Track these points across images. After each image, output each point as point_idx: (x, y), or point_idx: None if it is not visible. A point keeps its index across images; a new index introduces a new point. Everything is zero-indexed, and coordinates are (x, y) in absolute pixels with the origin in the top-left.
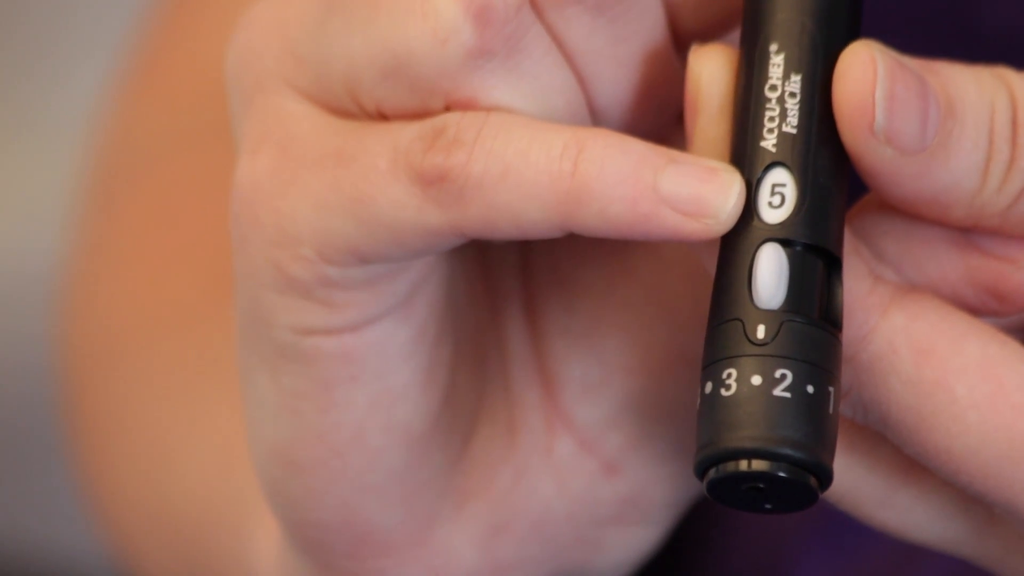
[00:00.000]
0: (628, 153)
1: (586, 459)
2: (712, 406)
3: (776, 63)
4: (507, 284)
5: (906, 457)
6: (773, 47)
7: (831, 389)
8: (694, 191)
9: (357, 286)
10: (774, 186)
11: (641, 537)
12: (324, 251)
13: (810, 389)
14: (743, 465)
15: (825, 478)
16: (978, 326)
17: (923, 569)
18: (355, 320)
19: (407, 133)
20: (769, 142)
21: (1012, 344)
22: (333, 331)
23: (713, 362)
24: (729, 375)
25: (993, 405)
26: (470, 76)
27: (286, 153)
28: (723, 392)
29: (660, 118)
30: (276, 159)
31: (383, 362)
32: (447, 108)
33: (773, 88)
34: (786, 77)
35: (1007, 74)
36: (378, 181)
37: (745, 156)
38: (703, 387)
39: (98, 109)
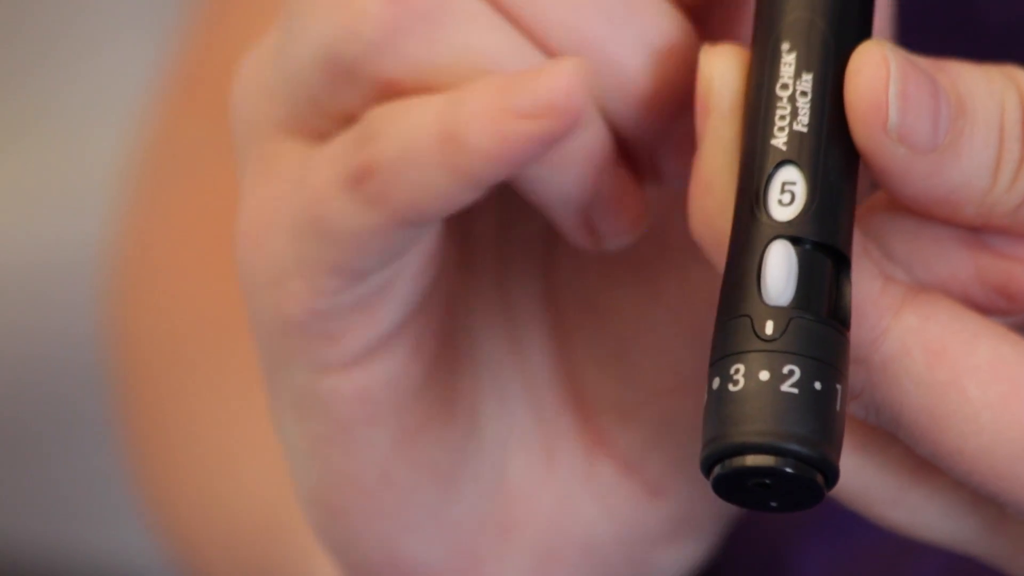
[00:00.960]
0: (482, 89)
1: (629, 482)
2: (719, 401)
3: (787, 62)
4: (528, 311)
5: (917, 457)
6: (785, 46)
7: (838, 387)
8: (533, 93)
9: (349, 313)
10: (784, 184)
11: (691, 552)
12: (309, 280)
13: (818, 386)
14: (749, 460)
15: (831, 475)
16: (990, 326)
17: (923, 559)
18: (357, 350)
19: (338, 139)
20: (780, 140)
21: None
22: (342, 366)
23: (721, 358)
24: (737, 370)
25: (1006, 405)
26: (385, 52)
27: (267, 192)
28: (730, 387)
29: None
30: (260, 200)
31: (399, 399)
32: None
33: (784, 87)
34: (797, 76)
35: (1017, 73)
36: (324, 195)
37: (755, 154)
38: (711, 382)
39: (141, 105)
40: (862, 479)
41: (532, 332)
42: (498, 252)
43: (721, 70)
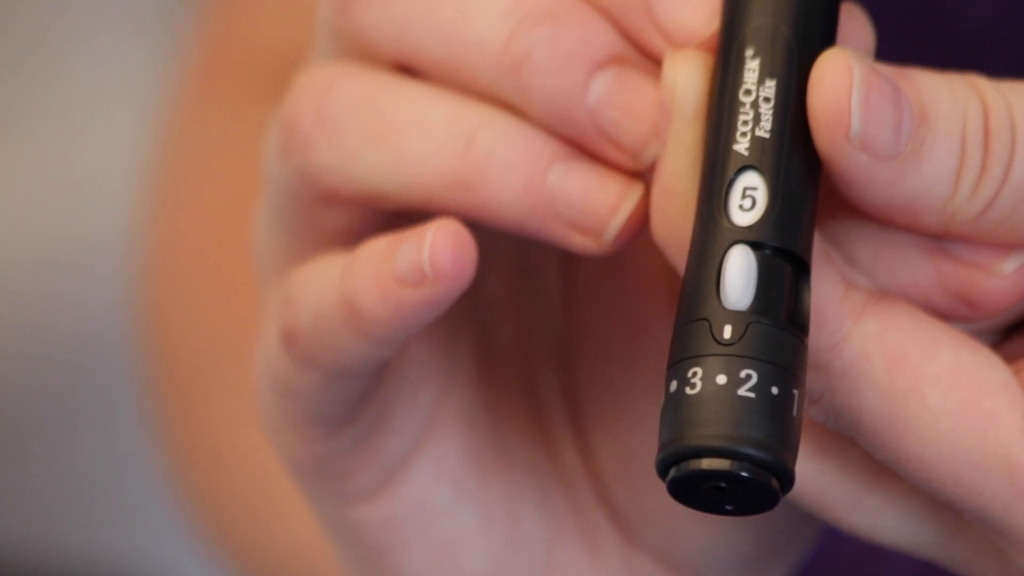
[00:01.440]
0: (370, 256)
1: (665, 571)
2: (676, 404)
3: (751, 68)
4: (556, 408)
5: (876, 462)
6: (749, 52)
7: (795, 392)
8: (409, 262)
9: (350, 453)
10: (745, 189)
11: None
12: (297, 431)
13: (774, 390)
14: (705, 463)
15: (787, 480)
16: (950, 333)
17: (892, 560)
18: (371, 483)
19: (276, 299)
20: (742, 146)
21: (984, 351)
22: (362, 499)
23: (679, 361)
24: (694, 374)
25: (965, 413)
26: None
27: (256, 346)
28: (688, 391)
29: None
30: (254, 354)
31: (429, 519)
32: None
33: (748, 92)
34: (761, 82)
35: (979, 82)
36: (273, 354)
37: (717, 159)
38: (668, 385)
39: (156, 99)
40: (822, 483)
41: (561, 429)
42: (521, 355)
43: (685, 75)
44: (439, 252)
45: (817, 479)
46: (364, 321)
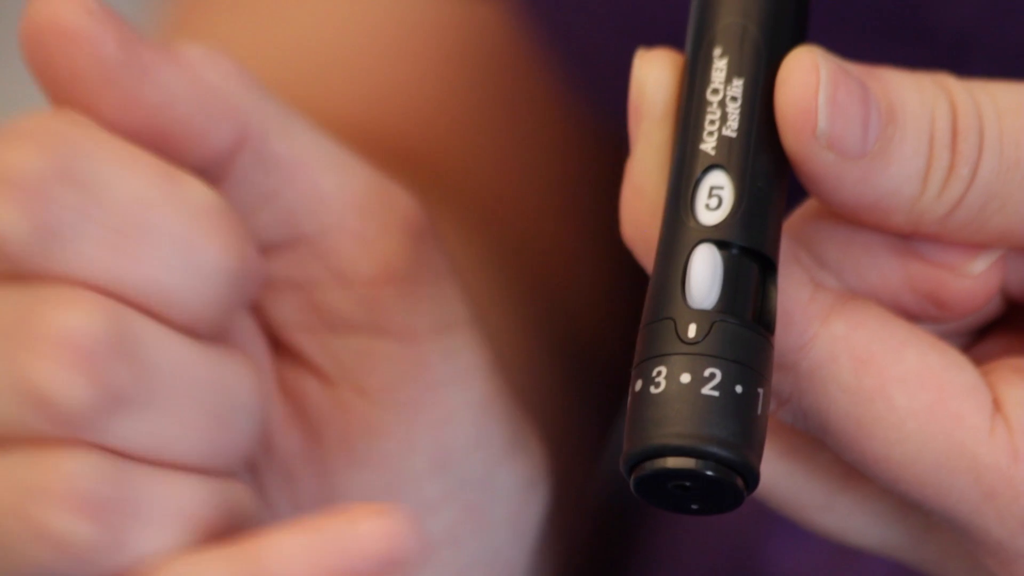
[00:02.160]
0: (300, 555)
1: None
2: (641, 403)
3: (719, 67)
4: None
5: (846, 464)
6: (717, 51)
7: (760, 391)
8: (368, 557)
9: None
10: (712, 188)
11: None
12: None
13: (739, 389)
14: (670, 462)
15: (751, 479)
16: (918, 335)
17: (872, 558)
18: None
19: None
20: (709, 145)
21: (951, 353)
22: None
23: (644, 360)
24: (659, 373)
25: (932, 414)
26: (116, 556)
27: None
28: (652, 389)
29: (252, 414)
30: None
31: None
32: None
33: (715, 92)
34: (728, 81)
35: (948, 81)
36: None
37: (685, 158)
38: (633, 384)
39: None
40: (792, 484)
41: None
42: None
43: (655, 75)
44: (390, 536)
45: (787, 480)
46: None
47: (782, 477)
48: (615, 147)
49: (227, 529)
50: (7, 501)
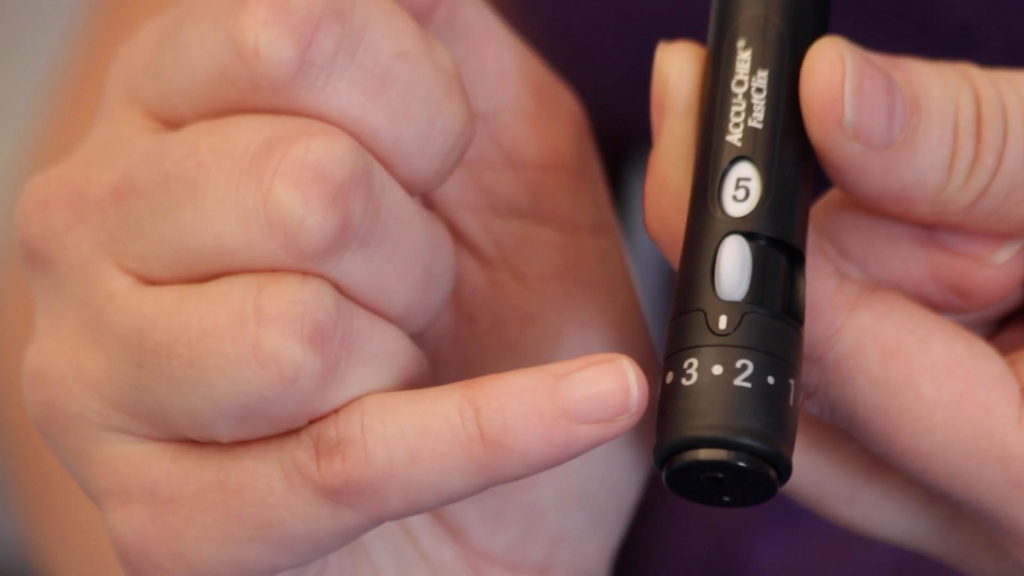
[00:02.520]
0: (520, 394)
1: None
2: (673, 395)
3: (743, 59)
4: None
5: (871, 455)
6: (740, 43)
7: (791, 381)
8: (596, 398)
9: None
10: (739, 180)
11: None
12: (245, 574)
13: (770, 380)
14: (702, 454)
15: (784, 470)
16: (944, 325)
17: (871, 548)
18: None
19: (289, 447)
20: (735, 136)
21: (978, 343)
22: None
23: (675, 352)
24: (690, 365)
25: (959, 404)
26: (326, 393)
27: (159, 497)
28: (684, 381)
29: (447, 281)
30: (152, 506)
31: None
32: (311, 421)
33: (740, 83)
34: (753, 73)
35: (970, 71)
36: (279, 503)
37: (710, 150)
38: (664, 377)
39: (49, 89)
40: (816, 477)
41: None
42: None
43: (677, 68)
44: (637, 387)
45: (812, 472)
46: (504, 460)
47: (807, 469)
48: (612, 143)
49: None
50: (230, 323)
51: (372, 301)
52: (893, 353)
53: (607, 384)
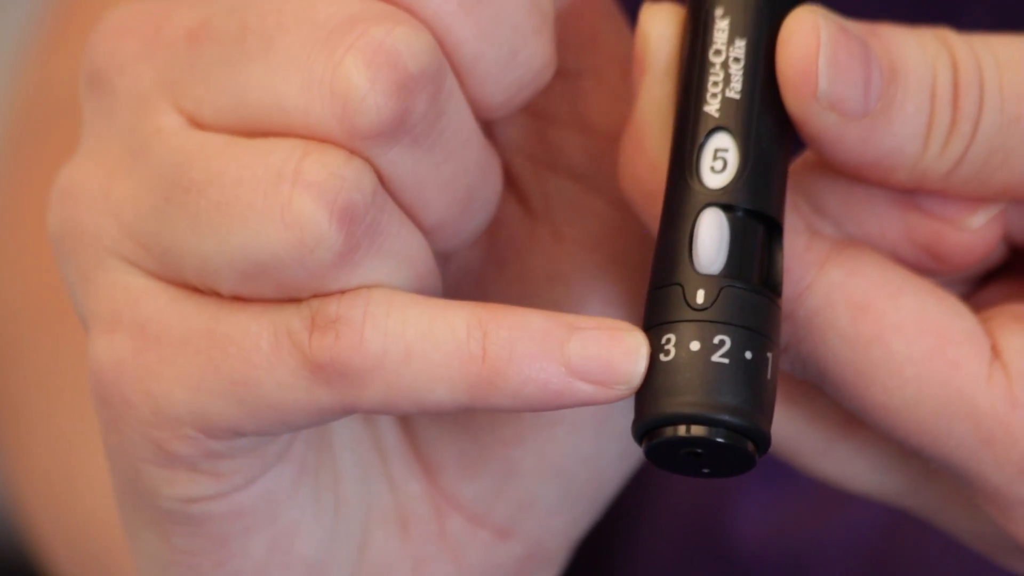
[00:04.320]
0: (533, 332)
1: (478, 531)
2: (652, 371)
3: (721, 28)
4: None
5: (845, 410)
6: (718, 12)
7: (769, 355)
8: (603, 360)
9: (242, 454)
10: (716, 151)
11: None
12: (207, 430)
13: (748, 355)
14: (681, 431)
15: (762, 443)
16: (915, 281)
17: (856, 504)
18: (242, 483)
19: (286, 313)
20: (712, 107)
21: (949, 299)
22: (222, 495)
23: (652, 327)
24: (668, 340)
25: (929, 360)
26: (339, 272)
27: (146, 332)
28: (662, 357)
29: (486, 212)
30: (137, 339)
31: (273, 507)
32: (314, 295)
33: (717, 53)
34: (730, 42)
35: (949, 36)
36: (261, 363)
37: (688, 120)
38: None
39: (16, 70)
40: (790, 430)
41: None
42: None
43: (659, 29)
44: (642, 363)
45: (786, 426)
46: (496, 388)
47: (781, 423)
48: None
49: None
50: (268, 177)
51: (409, 202)
52: (863, 309)
53: (618, 350)
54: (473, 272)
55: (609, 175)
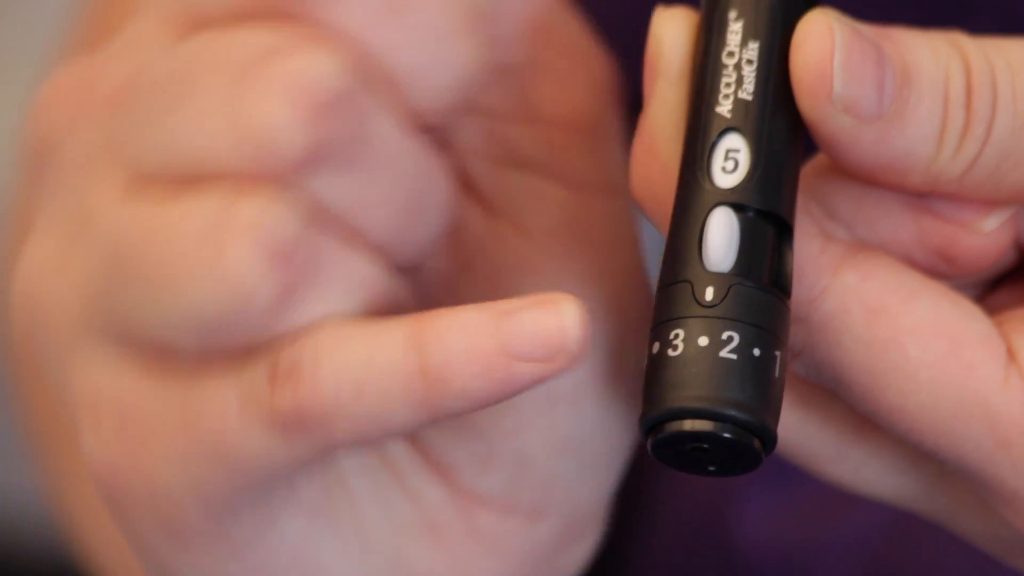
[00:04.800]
0: (465, 329)
1: (508, 520)
2: (659, 366)
3: (734, 30)
4: None
5: (858, 414)
6: (732, 14)
7: (777, 353)
8: (537, 336)
9: (246, 508)
10: (728, 151)
11: (587, 546)
12: (204, 499)
13: (756, 352)
14: (687, 425)
15: (769, 441)
16: (930, 285)
17: (860, 506)
18: (254, 536)
19: (249, 371)
20: (724, 108)
21: (964, 302)
22: (236, 553)
23: (661, 323)
24: (676, 335)
25: (945, 364)
26: (285, 314)
27: (126, 417)
28: (670, 352)
29: (438, 219)
30: (119, 425)
31: (292, 554)
32: (273, 339)
33: (731, 55)
34: (743, 44)
35: (961, 39)
36: (235, 430)
37: (700, 121)
38: (651, 347)
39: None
40: (804, 435)
41: None
42: None
43: (672, 33)
44: (577, 329)
45: (799, 430)
46: (445, 395)
47: (794, 427)
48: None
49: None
50: (201, 230)
51: (351, 224)
52: (878, 313)
53: (547, 323)
54: (443, 278)
55: (562, 160)
